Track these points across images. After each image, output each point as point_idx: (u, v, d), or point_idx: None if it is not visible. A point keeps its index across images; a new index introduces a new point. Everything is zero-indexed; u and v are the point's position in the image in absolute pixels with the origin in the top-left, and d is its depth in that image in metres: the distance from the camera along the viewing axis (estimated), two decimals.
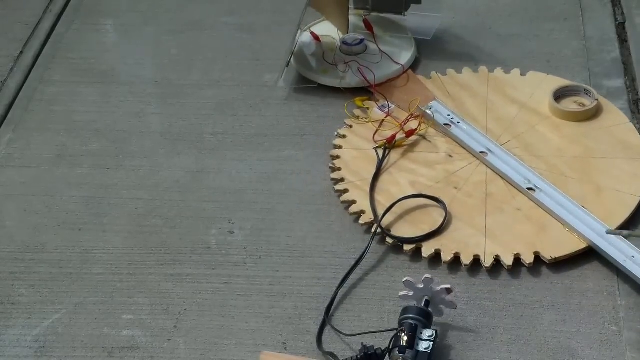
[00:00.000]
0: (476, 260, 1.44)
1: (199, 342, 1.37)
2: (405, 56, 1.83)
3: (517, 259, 1.44)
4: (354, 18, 1.91)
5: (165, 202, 1.60)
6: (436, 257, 1.46)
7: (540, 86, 1.76)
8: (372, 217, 1.51)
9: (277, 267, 1.47)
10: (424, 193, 1.54)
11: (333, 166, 1.63)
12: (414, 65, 1.84)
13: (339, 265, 1.46)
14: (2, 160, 1.71)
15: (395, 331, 1.29)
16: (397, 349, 1.27)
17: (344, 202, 1.56)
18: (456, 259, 1.45)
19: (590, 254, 1.45)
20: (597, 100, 1.69)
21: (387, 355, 1.28)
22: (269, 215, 1.56)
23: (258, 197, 1.60)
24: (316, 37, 1.87)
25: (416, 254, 1.47)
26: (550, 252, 1.44)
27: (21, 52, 1.96)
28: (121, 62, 1.93)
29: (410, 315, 1.30)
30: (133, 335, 1.38)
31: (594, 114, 1.69)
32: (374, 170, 1.60)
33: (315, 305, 1.40)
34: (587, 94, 1.71)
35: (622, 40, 1.88)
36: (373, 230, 1.49)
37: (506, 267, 1.43)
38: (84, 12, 2.08)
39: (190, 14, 2.05)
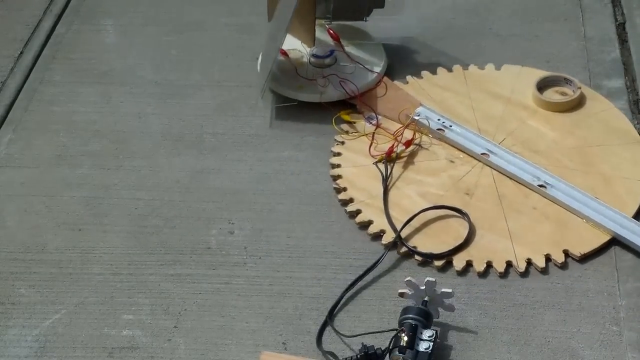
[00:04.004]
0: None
1: (199, 342, 1.37)
2: (378, 63, 1.79)
3: (548, 259, 1.44)
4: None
5: (165, 202, 1.60)
6: (467, 267, 1.44)
7: (518, 79, 1.76)
8: (394, 236, 1.47)
9: (277, 267, 1.47)
10: (438, 204, 1.52)
11: (338, 186, 1.58)
12: (385, 72, 1.79)
13: (339, 265, 1.46)
14: (2, 160, 1.71)
15: (395, 331, 1.29)
16: (397, 349, 1.27)
17: (360, 223, 1.51)
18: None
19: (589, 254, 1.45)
20: (579, 88, 1.70)
21: (387, 355, 1.28)
22: (269, 216, 1.56)
23: (258, 197, 1.60)
24: (283, 53, 1.78)
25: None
26: (577, 248, 1.44)
27: (21, 53, 1.96)
28: (121, 63, 1.93)
29: (411, 316, 1.30)
30: (133, 335, 1.38)
31: (578, 102, 1.69)
32: (379, 186, 1.57)
33: (316, 305, 1.40)
34: (567, 83, 1.72)
35: (622, 40, 1.88)
36: (401, 251, 1.46)
37: (539, 270, 1.43)
38: (84, 12, 2.08)
39: (190, 14, 2.05)
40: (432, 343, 1.27)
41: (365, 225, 1.51)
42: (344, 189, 1.57)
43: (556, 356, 1.32)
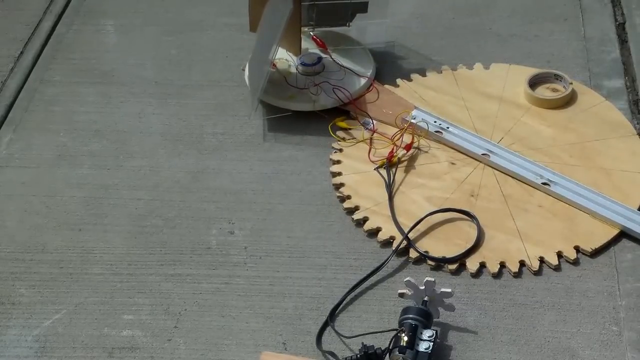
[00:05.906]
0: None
1: (199, 342, 1.37)
2: (367, 68, 1.78)
3: (560, 257, 1.44)
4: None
5: (166, 202, 1.60)
6: (481, 268, 1.44)
7: (507, 77, 1.76)
8: (406, 243, 1.47)
9: (277, 267, 1.47)
10: (444, 207, 1.51)
11: (342, 195, 1.57)
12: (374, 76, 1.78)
13: (339, 265, 1.46)
14: (2, 160, 1.71)
15: (395, 331, 1.29)
16: (397, 349, 1.27)
17: (368, 231, 1.50)
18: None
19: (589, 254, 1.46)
20: (571, 84, 1.70)
21: (387, 355, 1.28)
22: (269, 216, 1.56)
23: (258, 197, 1.60)
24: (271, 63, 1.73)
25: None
26: (588, 244, 1.44)
27: (21, 53, 1.96)
28: (121, 63, 1.93)
29: (411, 316, 1.30)
30: (133, 335, 1.38)
31: (570, 98, 1.70)
32: (383, 192, 1.56)
33: (316, 305, 1.40)
34: (557, 79, 1.73)
35: (622, 40, 1.88)
36: (414, 256, 1.45)
37: (552, 267, 1.43)
38: (84, 12, 2.08)
39: (190, 14, 2.05)
40: (432, 343, 1.27)
41: (373, 232, 1.50)
42: (348, 197, 1.56)
43: (556, 356, 1.32)
